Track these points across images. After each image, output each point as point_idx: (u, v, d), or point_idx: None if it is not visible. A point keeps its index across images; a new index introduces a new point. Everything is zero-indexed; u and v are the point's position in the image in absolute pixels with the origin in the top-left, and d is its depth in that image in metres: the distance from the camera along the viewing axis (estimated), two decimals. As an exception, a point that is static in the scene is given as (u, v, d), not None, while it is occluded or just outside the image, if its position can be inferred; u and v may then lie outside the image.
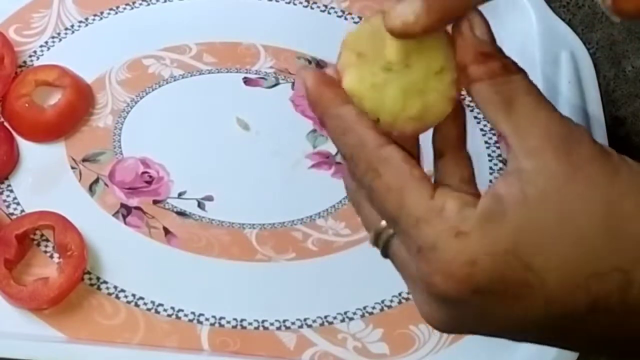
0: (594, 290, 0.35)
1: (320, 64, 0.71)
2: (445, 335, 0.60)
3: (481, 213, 0.37)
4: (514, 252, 0.36)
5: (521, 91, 0.38)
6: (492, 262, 0.36)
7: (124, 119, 0.68)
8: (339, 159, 0.62)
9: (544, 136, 0.37)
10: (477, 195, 0.39)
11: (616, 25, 0.79)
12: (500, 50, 0.39)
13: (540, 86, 0.69)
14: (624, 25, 0.79)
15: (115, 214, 0.64)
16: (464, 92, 0.42)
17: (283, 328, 0.61)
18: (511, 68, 0.39)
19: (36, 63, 0.70)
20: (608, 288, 0.35)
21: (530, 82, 0.39)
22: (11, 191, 0.65)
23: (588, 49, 0.77)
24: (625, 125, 0.76)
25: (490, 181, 0.67)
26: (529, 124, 0.37)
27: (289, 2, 0.73)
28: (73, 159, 0.66)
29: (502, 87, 0.38)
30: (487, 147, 0.68)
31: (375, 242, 0.41)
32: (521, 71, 0.39)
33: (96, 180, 0.65)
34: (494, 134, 0.69)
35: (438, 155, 0.42)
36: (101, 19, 0.72)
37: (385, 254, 0.41)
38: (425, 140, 0.44)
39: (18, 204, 0.64)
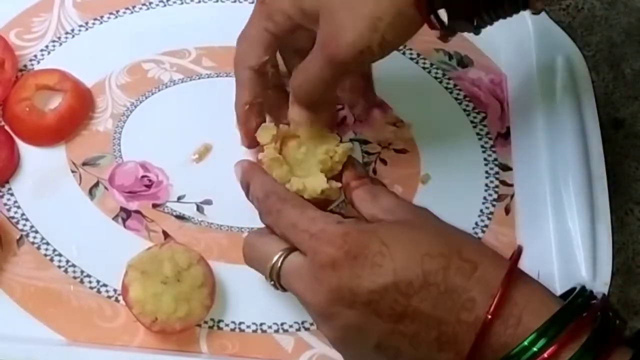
0: (426, 266, 0.49)
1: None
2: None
3: (356, 219, 0.55)
4: (375, 233, 0.51)
5: (380, 190, 0.57)
6: (359, 234, 0.51)
7: (124, 123, 0.68)
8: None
9: (397, 205, 0.55)
10: None
11: (615, 28, 0.80)
12: (369, 176, 0.60)
13: (536, 90, 0.70)
14: (623, 28, 0.79)
15: (115, 218, 0.65)
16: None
17: (281, 331, 0.61)
18: (375, 181, 0.62)
19: (37, 67, 0.70)
20: (435, 266, 0.49)
21: (385, 187, 0.61)
22: (12, 194, 0.65)
23: (587, 52, 0.78)
24: (624, 126, 0.76)
25: (486, 185, 0.67)
26: (387, 204, 0.55)
27: (287, 6, 0.74)
28: (73, 163, 0.67)
29: (370, 190, 0.57)
30: (483, 152, 0.69)
31: (272, 267, 0.54)
32: (380, 183, 0.65)
33: (96, 184, 0.66)
34: (489, 139, 0.69)
35: None
36: (101, 23, 0.72)
37: (278, 276, 0.54)
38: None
39: (19, 207, 0.65)
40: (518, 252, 0.51)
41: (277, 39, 0.59)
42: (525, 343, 0.47)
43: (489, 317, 0.48)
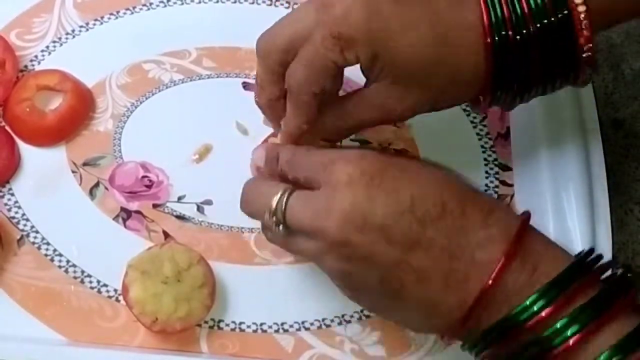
0: (445, 197, 0.50)
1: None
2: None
3: None
4: (394, 160, 0.52)
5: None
6: (377, 158, 0.51)
7: (124, 123, 0.68)
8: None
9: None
10: None
11: (615, 28, 0.80)
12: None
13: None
14: (622, 29, 0.80)
15: (115, 218, 0.65)
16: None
17: (281, 331, 0.61)
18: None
19: (37, 67, 0.70)
20: (453, 200, 0.50)
21: None
22: (12, 194, 0.65)
23: (587, 52, 0.78)
24: (624, 126, 0.76)
25: (486, 185, 0.67)
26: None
27: (287, 7, 0.74)
28: (74, 163, 0.67)
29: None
30: (483, 152, 0.69)
31: (278, 202, 0.53)
32: None
33: (96, 184, 0.66)
34: (489, 139, 0.69)
35: None
36: (102, 23, 0.73)
37: (284, 212, 0.52)
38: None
39: (19, 207, 0.65)
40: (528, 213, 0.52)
41: (339, 70, 0.57)
42: (527, 302, 0.47)
43: (504, 259, 0.48)
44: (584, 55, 0.56)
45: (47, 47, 0.71)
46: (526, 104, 0.69)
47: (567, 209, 0.64)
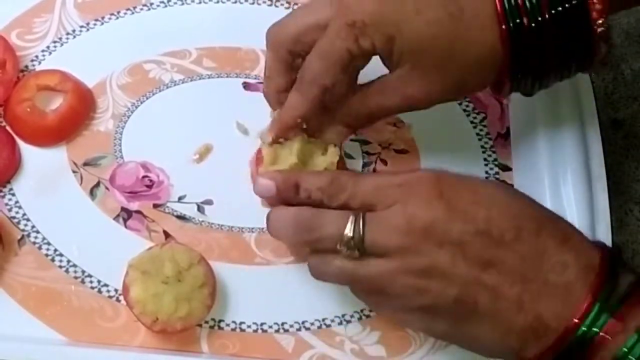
0: (520, 222, 0.51)
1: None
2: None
3: None
4: (469, 184, 0.53)
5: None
6: (453, 180, 0.52)
7: (125, 123, 0.68)
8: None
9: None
10: None
11: (615, 28, 0.80)
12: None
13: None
14: (622, 29, 0.80)
15: (115, 218, 0.65)
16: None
17: (281, 331, 0.61)
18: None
19: (38, 67, 0.70)
20: (528, 225, 0.51)
21: None
22: (13, 194, 0.65)
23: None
24: (624, 127, 0.76)
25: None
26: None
27: (288, 7, 0.74)
28: (74, 163, 0.67)
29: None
30: (483, 152, 0.69)
31: (354, 228, 0.52)
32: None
33: (97, 184, 0.66)
34: (489, 139, 0.69)
35: None
36: (102, 24, 0.73)
37: (361, 237, 0.52)
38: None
39: (20, 207, 0.65)
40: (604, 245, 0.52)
41: (354, 62, 0.58)
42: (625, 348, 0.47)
43: (589, 295, 0.48)
44: (598, 31, 0.56)
45: (48, 47, 0.71)
46: (526, 104, 0.69)
47: (567, 209, 0.64)
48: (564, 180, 0.65)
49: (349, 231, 0.52)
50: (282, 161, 0.60)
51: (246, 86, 0.70)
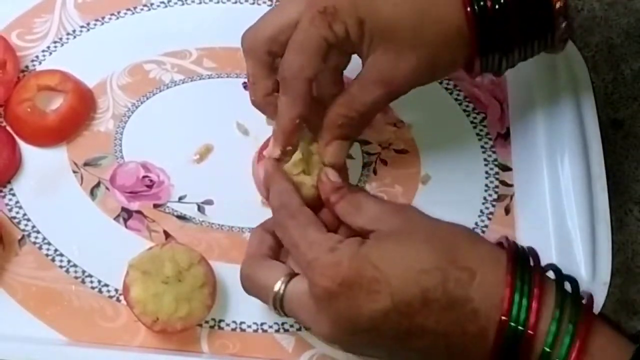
0: (424, 283, 0.49)
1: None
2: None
3: (350, 241, 0.53)
4: (367, 258, 0.51)
5: (362, 198, 0.56)
6: (351, 263, 0.51)
7: (125, 123, 0.69)
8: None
9: (382, 212, 0.54)
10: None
11: (615, 29, 0.80)
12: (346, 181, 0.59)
13: (535, 91, 0.70)
14: (622, 29, 0.80)
15: (116, 218, 0.65)
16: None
17: (281, 331, 0.62)
18: (354, 188, 0.60)
19: (38, 68, 0.70)
20: (432, 282, 0.49)
21: (365, 191, 0.61)
22: (13, 195, 0.65)
23: (587, 52, 0.78)
24: (624, 126, 0.76)
25: (486, 185, 0.67)
26: (372, 213, 0.55)
27: (288, 7, 0.74)
28: (75, 163, 0.67)
29: (351, 201, 0.56)
30: (484, 152, 0.69)
31: (275, 296, 0.54)
32: (362, 189, 0.63)
33: (97, 184, 0.66)
34: (489, 139, 0.69)
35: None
36: (103, 24, 0.73)
37: (281, 304, 0.54)
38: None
39: (20, 207, 0.65)
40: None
41: (332, 50, 0.58)
42: None
43: (503, 318, 0.48)
44: (557, 6, 0.58)
45: (48, 47, 0.71)
46: (526, 104, 0.69)
47: (567, 209, 0.64)
48: (564, 180, 0.65)
49: (271, 296, 0.54)
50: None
51: (246, 86, 0.70)
